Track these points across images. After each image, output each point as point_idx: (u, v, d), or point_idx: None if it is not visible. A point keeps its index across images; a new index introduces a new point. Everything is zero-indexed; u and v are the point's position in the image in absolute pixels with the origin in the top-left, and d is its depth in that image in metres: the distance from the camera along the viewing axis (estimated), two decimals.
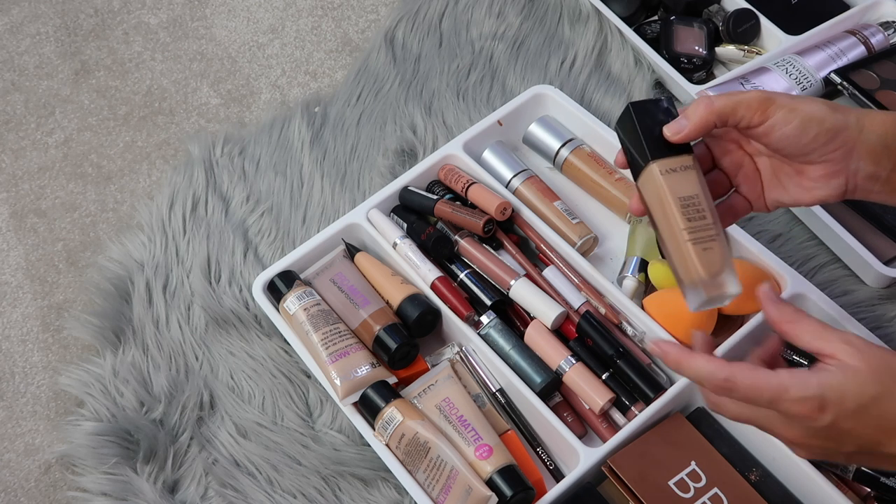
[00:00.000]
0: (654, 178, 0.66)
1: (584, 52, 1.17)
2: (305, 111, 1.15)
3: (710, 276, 0.64)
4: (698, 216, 0.65)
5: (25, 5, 1.30)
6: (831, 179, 0.66)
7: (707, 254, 0.65)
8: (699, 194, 0.66)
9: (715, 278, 0.65)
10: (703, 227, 0.65)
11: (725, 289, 0.65)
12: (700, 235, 0.65)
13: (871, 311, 0.95)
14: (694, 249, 0.65)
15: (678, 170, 0.66)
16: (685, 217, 0.65)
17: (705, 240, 0.65)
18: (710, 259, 0.65)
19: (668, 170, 0.66)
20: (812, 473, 0.79)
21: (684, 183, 0.66)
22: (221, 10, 1.29)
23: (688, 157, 0.66)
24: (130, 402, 0.92)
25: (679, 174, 0.66)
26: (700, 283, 0.65)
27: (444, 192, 1.00)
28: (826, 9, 1.16)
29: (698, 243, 0.65)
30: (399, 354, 0.88)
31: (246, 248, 1.03)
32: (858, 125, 0.65)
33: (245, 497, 0.87)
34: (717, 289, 0.65)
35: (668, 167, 0.66)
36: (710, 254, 0.65)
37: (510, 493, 0.78)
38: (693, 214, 0.65)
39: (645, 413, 0.84)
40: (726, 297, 0.65)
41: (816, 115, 0.64)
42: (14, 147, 1.16)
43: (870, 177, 0.66)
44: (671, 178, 0.66)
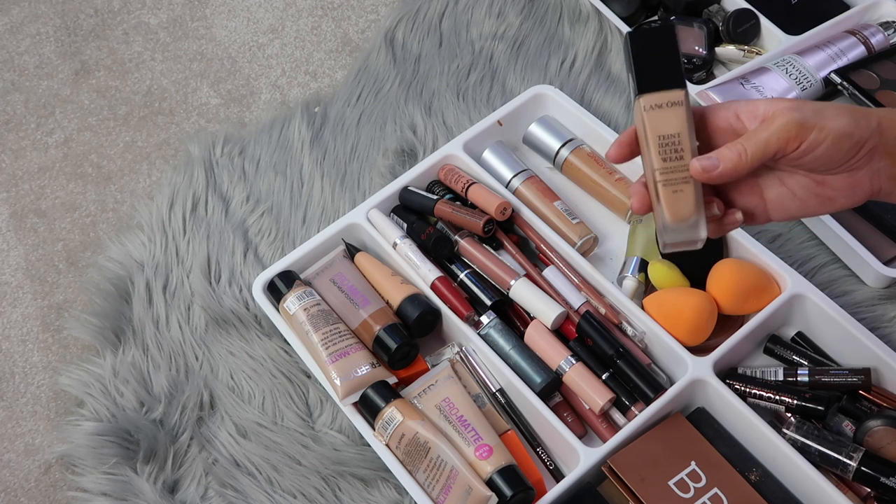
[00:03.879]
0: (639, 113, 0.65)
1: (584, 52, 1.17)
2: (305, 111, 1.15)
3: (674, 221, 0.64)
4: (675, 156, 0.64)
5: (25, 5, 1.30)
6: (856, 187, 0.64)
7: (676, 197, 0.64)
8: (681, 133, 0.64)
9: (680, 223, 0.64)
10: (679, 169, 0.64)
11: (692, 233, 0.65)
12: (673, 177, 0.64)
13: (871, 311, 0.95)
14: (664, 191, 0.64)
15: (664, 106, 0.64)
16: (661, 157, 0.64)
17: (677, 181, 0.64)
18: (679, 202, 0.64)
19: (653, 105, 0.64)
20: (812, 473, 0.79)
21: (668, 120, 0.64)
22: (221, 10, 1.29)
23: (678, 93, 0.64)
24: (130, 402, 0.92)
25: (664, 111, 0.64)
26: (666, 225, 0.65)
27: (444, 192, 1.00)
28: (826, 9, 1.16)
29: (669, 185, 0.64)
30: (399, 354, 0.88)
31: (246, 248, 1.03)
32: (879, 128, 0.63)
33: (245, 497, 0.87)
34: (683, 233, 0.65)
35: (654, 102, 0.64)
36: (680, 197, 0.64)
37: (510, 493, 0.78)
38: (670, 154, 0.64)
39: (645, 413, 0.84)
40: (693, 242, 0.65)
41: (845, 131, 0.62)
42: (14, 147, 1.16)
43: (891, 178, 0.64)
44: (654, 114, 0.64)
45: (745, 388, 0.86)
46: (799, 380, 0.87)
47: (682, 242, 0.65)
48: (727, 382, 0.86)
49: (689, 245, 0.66)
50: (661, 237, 0.66)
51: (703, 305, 0.88)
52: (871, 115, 0.63)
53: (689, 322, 0.87)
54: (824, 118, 0.62)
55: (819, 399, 0.84)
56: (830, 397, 0.84)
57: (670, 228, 0.65)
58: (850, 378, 0.86)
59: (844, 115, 0.63)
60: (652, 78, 0.64)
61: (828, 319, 0.88)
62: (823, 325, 0.90)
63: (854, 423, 0.84)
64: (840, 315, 0.88)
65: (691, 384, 0.85)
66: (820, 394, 0.84)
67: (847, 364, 0.89)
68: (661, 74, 0.64)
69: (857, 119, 0.63)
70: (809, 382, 0.87)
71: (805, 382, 0.87)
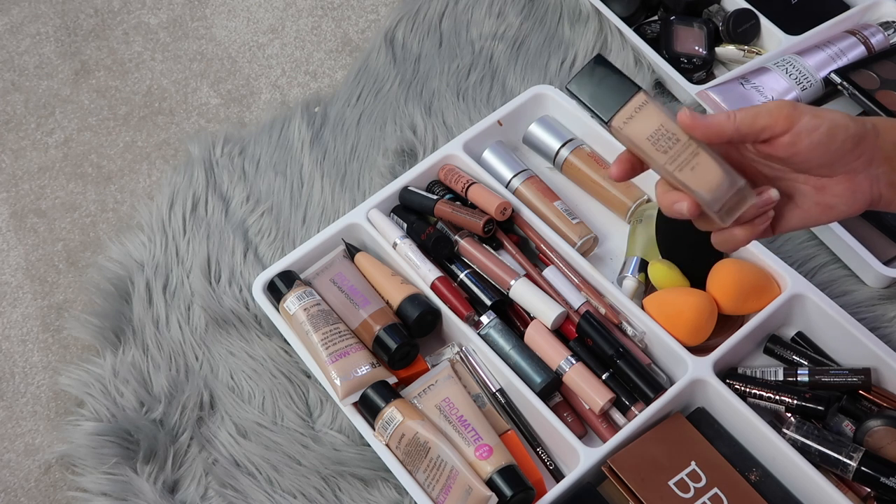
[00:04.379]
0: (620, 134, 0.67)
1: (584, 52, 1.17)
2: (305, 111, 1.15)
3: (711, 191, 0.64)
4: (671, 142, 0.65)
5: (25, 5, 1.30)
6: (856, 193, 0.64)
7: (696, 172, 0.65)
8: (663, 123, 0.66)
9: (717, 188, 0.64)
10: (682, 149, 0.65)
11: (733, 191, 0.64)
12: (682, 159, 0.65)
13: (871, 311, 0.95)
14: (683, 176, 0.65)
15: (634, 114, 0.67)
16: (660, 151, 0.65)
17: (689, 160, 0.65)
18: (702, 175, 0.65)
19: (625, 120, 0.67)
20: (812, 473, 0.79)
21: (645, 122, 0.66)
22: (221, 10, 1.29)
23: (639, 97, 0.67)
24: (130, 402, 0.92)
25: (637, 116, 0.67)
26: (710, 201, 0.65)
27: (444, 192, 1.00)
28: (826, 9, 1.16)
29: (684, 167, 0.65)
30: (399, 354, 0.88)
31: (246, 248, 1.03)
32: (875, 130, 0.63)
33: (245, 497, 0.87)
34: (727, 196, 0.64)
35: (625, 117, 0.67)
36: (699, 170, 0.65)
37: (510, 493, 0.78)
38: (665, 145, 0.65)
39: (645, 413, 0.84)
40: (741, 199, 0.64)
41: (840, 122, 0.62)
42: (14, 147, 1.16)
43: (890, 184, 0.64)
44: (631, 125, 0.66)
45: (745, 388, 0.86)
46: (799, 380, 0.87)
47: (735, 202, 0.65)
48: (727, 382, 0.86)
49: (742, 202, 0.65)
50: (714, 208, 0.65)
51: (703, 305, 0.88)
52: (866, 119, 0.64)
53: (689, 322, 0.87)
54: (819, 109, 0.63)
55: (819, 399, 0.84)
56: (830, 397, 0.84)
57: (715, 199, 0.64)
58: (850, 378, 0.86)
59: (837, 111, 0.63)
60: (609, 103, 0.67)
61: (828, 319, 0.88)
62: (823, 325, 0.90)
63: (854, 423, 0.84)
64: (840, 315, 0.88)
65: (691, 384, 0.85)
66: (820, 394, 0.84)
67: (847, 364, 0.89)
68: (615, 94, 0.67)
69: (850, 117, 0.63)
70: (809, 382, 0.87)
71: (805, 382, 0.87)
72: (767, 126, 0.62)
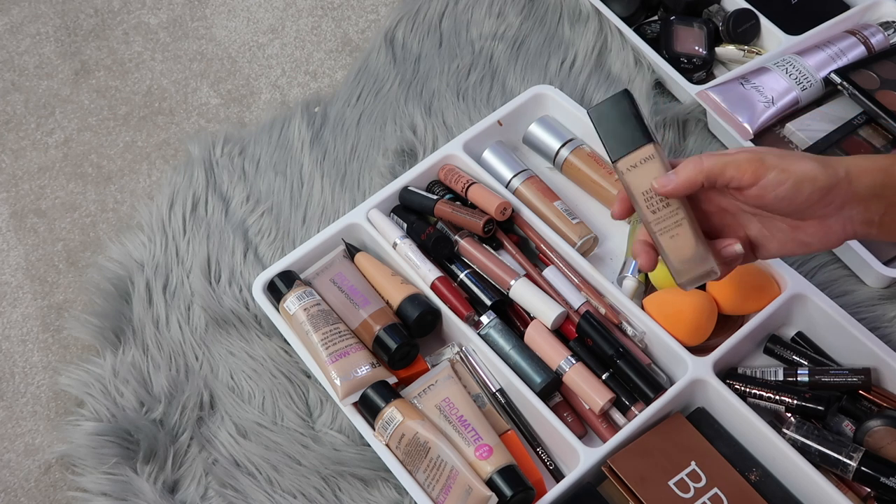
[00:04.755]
0: (621, 177, 0.70)
1: (584, 52, 1.17)
2: (305, 111, 1.15)
3: (680, 262, 0.69)
4: (662, 205, 0.69)
5: (25, 5, 1.30)
6: (829, 233, 0.67)
7: (674, 241, 0.69)
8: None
9: (686, 262, 0.69)
10: (668, 216, 0.69)
11: (702, 267, 0.69)
12: (665, 225, 0.69)
13: (871, 311, 0.94)
14: (662, 239, 0.70)
15: (639, 164, 0.69)
16: (649, 210, 0.70)
17: (671, 227, 0.69)
18: (678, 246, 0.69)
19: (629, 167, 0.70)
20: (812, 473, 0.79)
21: (646, 176, 0.69)
22: (221, 10, 1.29)
23: (648, 149, 0.69)
24: (130, 402, 0.92)
25: (640, 168, 0.69)
26: (675, 268, 0.70)
27: (444, 192, 1.00)
28: (826, 9, 1.16)
29: (664, 233, 0.70)
30: (399, 354, 0.88)
31: (246, 248, 1.03)
32: (847, 178, 0.65)
33: (245, 497, 0.87)
34: (694, 270, 0.70)
35: (630, 164, 0.70)
36: (677, 241, 0.69)
37: (510, 493, 0.78)
38: (656, 206, 0.69)
39: (645, 413, 0.84)
40: (707, 275, 0.70)
41: (809, 174, 0.65)
42: (14, 147, 1.16)
43: (865, 222, 0.67)
44: (633, 174, 0.70)
45: (745, 388, 0.86)
46: (799, 380, 0.87)
47: (698, 277, 0.70)
48: (727, 382, 0.86)
49: (705, 278, 0.70)
50: (678, 279, 0.70)
51: (703, 305, 0.88)
52: (838, 164, 0.66)
53: (689, 322, 0.87)
54: (789, 161, 0.65)
55: (819, 399, 0.84)
56: (830, 397, 0.84)
57: (680, 269, 0.70)
58: (850, 378, 0.86)
59: (810, 160, 0.65)
60: (621, 143, 0.70)
61: (828, 319, 0.88)
62: (823, 325, 0.90)
63: (854, 423, 0.84)
64: (840, 315, 0.88)
65: (691, 384, 0.85)
66: (820, 394, 0.84)
67: (847, 364, 0.89)
68: (628, 137, 0.70)
69: (822, 165, 0.65)
70: (809, 382, 0.87)
71: (805, 382, 0.87)
72: (734, 178, 0.66)
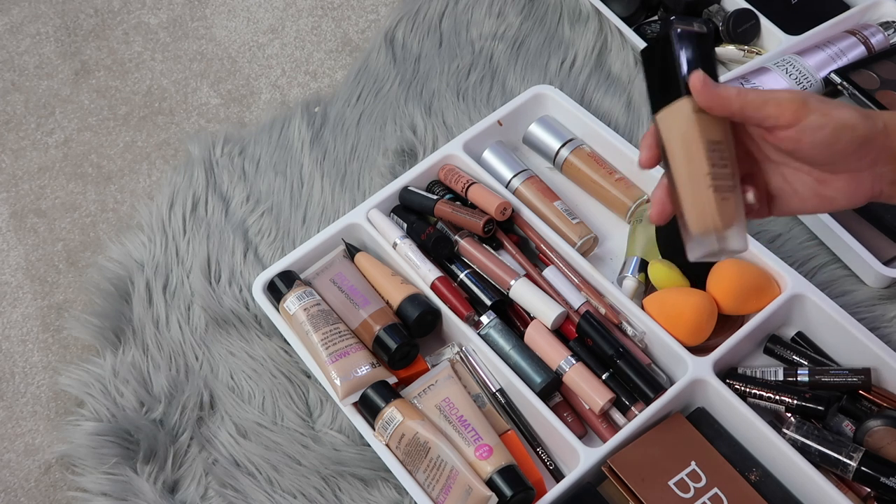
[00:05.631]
0: (685, 115, 0.62)
1: (584, 52, 1.17)
2: (305, 111, 1.15)
3: (725, 227, 0.62)
4: (722, 163, 0.62)
5: (25, 5, 1.30)
6: (857, 189, 0.64)
7: (725, 204, 0.62)
8: (726, 141, 0.63)
9: (727, 229, 0.62)
10: (725, 176, 0.62)
11: (733, 242, 0.63)
12: (721, 184, 0.62)
13: (870, 311, 0.94)
14: (714, 197, 0.62)
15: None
16: (710, 162, 0.62)
17: (725, 189, 0.62)
18: (727, 209, 0.62)
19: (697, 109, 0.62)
20: (812, 473, 0.79)
21: (715, 126, 0.62)
22: (221, 10, 1.29)
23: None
24: (130, 402, 0.92)
25: (711, 117, 0.62)
26: (713, 231, 0.62)
27: (444, 192, 1.00)
28: (826, 9, 1.16)
29: (719, 191, 0.62)
30: (399, 354, 0.88)
31: (246, 248, 1.03)
32: (885, 130, 0.62)
33: (245, 497, 0.87)
34: (726, 241, 0.63)
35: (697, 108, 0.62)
36: (727, 204, 0.62)
37: (510, 493, 0.78)
38: (718, 161, 0.62)
39: (645, 413, 0.83)
40: (733, 252, 0.63)
41: (849, 122, 0.61)
42: (14, 147, 1.16)
43: (893, 182, 0.63)
44: (704, 118, 0.62)
45: (745, 388, 0.86)
46: (799, 380, 0.87)
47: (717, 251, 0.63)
48: (727, 382, 0.86)
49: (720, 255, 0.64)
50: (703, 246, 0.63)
51: (703, 305, 0.88)
52: (877, 116, 0.62)
53: (689, 322, 0.87)
54: (831, 107, 0.61)
55: (819, 399, 0.84)
56: (830, 397, 0.84)
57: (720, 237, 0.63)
58: (850, 378, 0.86)
59: (851, 109, 0.62)
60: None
61: (828, 319, 0.88)
62: (823, 325, 0.90)
63: (854, 423, 0.84)
64: (840, 315, 0.88)
65: (691, 384, 0.85)
66: (820, 394, 0.84)
67: (847, 364, 0.89)
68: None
69: (863, 115, 0.62)
70: (809, 382, 0.87)
71: (805, 382, 0.87)
72: (772, 115, 0.61)
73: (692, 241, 0.64)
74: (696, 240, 0.63)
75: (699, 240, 0.63)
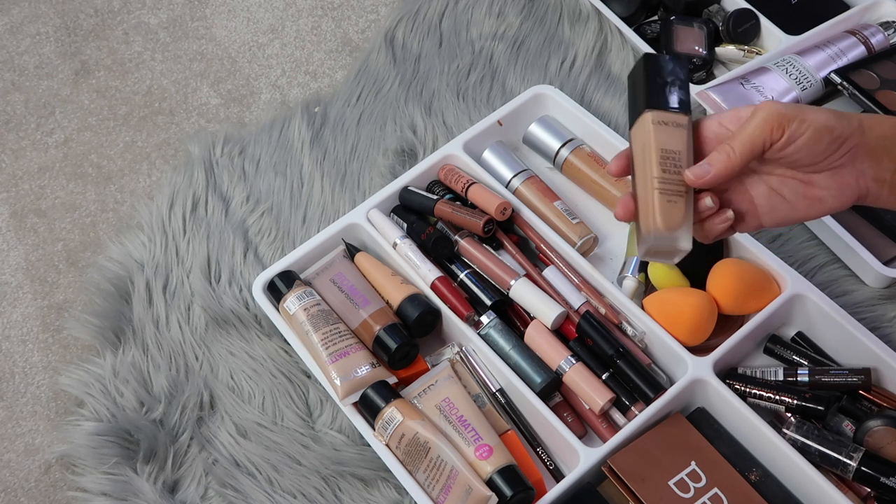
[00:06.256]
0: (645, 126, 0.68)
1: (584, 52, 1.17)
2: (305, 111, 1.15)
3: (665, 228, 0.66)
4: (674, 170, 0.67)
5: (25, 5, 1.30)
6: (843, 187, 0.67)
7: (669, 206, 0.66)
8: (681, 152, 0.67)
9: (669, 232, 0.66)
10: (675, 182, 0.67)
11: (677, 244, 0.67)
12: (668, 188, 0.67)
13: (871, 311, 0.94)
14: (658, 199, 0.66)
15: (670, 124, 0.68)
16: (661, 167, 0.67)
17: (672, 193, 0.67)
18: (671, 212, 0.66)
19: (660, 121, 0.68)
20: (812, 473, 0.79)
21: (671, 138, 0.67)
22: (221, 10, 1.29)
23: (684, 117, 0.68)
24: (130, 402, 0.92)
25: (669, 128, 0.68)
26: (654, 232, 0.67)
27: (444, 192, 1.00)
28: (826, 9, 1.16)
29: (664, 194, 0.66)
30: (399, 354, 0.88)
31: (246, 248, 1.03)
32: (860, 128, 0.65)
33: (245, 497, 0.87)
34: (669, 242, 0.67)
35: (661, 119, 0.68)
36: (673, 207, 0.66)
37: (510, 493, 0.78)
38: (669, 167, 0.67)
39: (645, 413, 0.83)
40: (675, 253, 0.68)
41: (826, 124, 0.65)
42: (14, 147, 1.16)
43: (875, 179, 0.66)
44: (661, 129, 0.67)
45: (745, 388, 0.86)
46: (799, 380, 0.87)
47: (664, 251, 0.68)
48: (727, 382, 0.86)
49: (669, 255, 0.68)
50: (645, 243, 0.68)
51: (703, 305, 0.88)
52: (851, 116, 0.66)
53: (689, 322, 0.87)
54: (805, 112, 0.65)
55: (819, 399, 0.84)
56: (830, 397, 0.84)
57: (658, 236, 0.67)
58: (850, 378, 0.86)
59: (825, 111, 0.65)
60: (662, 98, 0.68)
61: (828, 319, 0.88)
62: (823, 325, 0.90)
63: (854, 423, 0.84)
64: (840, 315, 0.88)
65: (691, 384, 0.85)
66: (820, 394, 0.84)
67: (847, 364, 0.89)
68: (671, 97, 0.68)
69: (837, 117, 0.65)
70: (809, 382, 0.87)
71: (805, 382, 0.87)
72: (766, 142, 0.65)
73: (640, 241, 0.68)
74: (643, 238, 0.68)
75: (645, 238, 0.68)
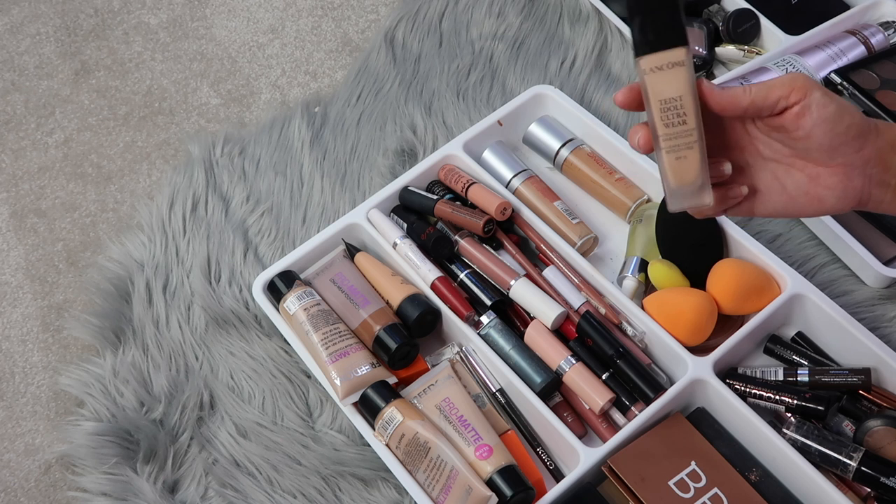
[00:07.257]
0: (641, 77, 0.64)
1: (584, 52, 1.17)
2: (305, 111, 1.15)
3: (678, 187, 0.65)
4: (678, 121, 0.63)
5: (25, 5, 1.30)
6: (848, 187, 0.64)
7: (679, 163, 0.64)
8: (683, 96, 0.63)
9: (684, 188, 0.65)
10: (682, 134, 0.63)
11: (696, 199, 0.65)
12: (676, 143, 0.64)
13: (871, 311, 0.94)
14: (667, 158, 0.64)
15: (665, 67, 0.63)
16: (663, 122, 0.63)
17: (681, 147, 0.64)
18: (683, 169, 0.64)
19: (654, 68, 0.63)
20: (812, 473, 0.79)
21: (669, 83, 0.63)
22: (221, 10, 1.29)
23: (679, 52, 0.62)
24: (130, 402, 0.92)
25: (665, 73, 0.63)
26: (670, 191, 0.65)
27: (444, 192, 1.00)
28: (826, 9, 1.16)
29: (672, 151, 0.64)
30: (399, 354, 0.88)
31: (246, 248, 1.03)
32: (876, 129, 0.64)
33: (245, 497, 0.87)
34: (688, 199, 0.65)
35: (655, 64, 0.63)
36: (683, 163, 0.64)
37: (510, 493, 0.78)
38: (672, 119, 0.63)
39: (645, 413, 0.83)
40: (699, 208, 0.66)
41: (849, 107, 0.63)
42: (14, 147, 1.16)
43: (881, 183, 0.64)
44: (656, 77, 0.63)
45: (745, 388, 0.86)
46: (799, 380, 0.87)
47: (688, 207, 0.66)
48: (727, 382, 0.86)
49: (696, 209, 0.66)
50: (670, 201, 0.66)
51: (703, 305, 0.88)
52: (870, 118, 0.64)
53: (689, 322, 0.87)
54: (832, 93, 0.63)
55: (819, 399, 0.84)
56: (830, 397, 0.84)
57: (675, 193, 0.65)
58: (850, 378, 0.86)
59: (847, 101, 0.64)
60: (651, 37, 0.63)
61: (828, 319, 0.88)
62: (823, 325, 0.90)
63: (854, 423, 0.84)
64: (840, 315, 0.88)
65: (691, 384, 0.85)
66: (820, 394, 0.84)
67: (847, 364, 0.89)
68: (662, 33, 0.62)
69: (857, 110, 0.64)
70: (809, 382, 0.87)
71: (805, 382, 0.87)
72: (782, 96, 0.62)
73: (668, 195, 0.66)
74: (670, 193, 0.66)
75: (667, 195, 0.66)
